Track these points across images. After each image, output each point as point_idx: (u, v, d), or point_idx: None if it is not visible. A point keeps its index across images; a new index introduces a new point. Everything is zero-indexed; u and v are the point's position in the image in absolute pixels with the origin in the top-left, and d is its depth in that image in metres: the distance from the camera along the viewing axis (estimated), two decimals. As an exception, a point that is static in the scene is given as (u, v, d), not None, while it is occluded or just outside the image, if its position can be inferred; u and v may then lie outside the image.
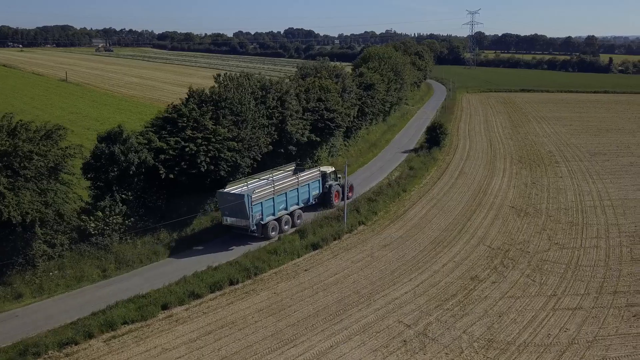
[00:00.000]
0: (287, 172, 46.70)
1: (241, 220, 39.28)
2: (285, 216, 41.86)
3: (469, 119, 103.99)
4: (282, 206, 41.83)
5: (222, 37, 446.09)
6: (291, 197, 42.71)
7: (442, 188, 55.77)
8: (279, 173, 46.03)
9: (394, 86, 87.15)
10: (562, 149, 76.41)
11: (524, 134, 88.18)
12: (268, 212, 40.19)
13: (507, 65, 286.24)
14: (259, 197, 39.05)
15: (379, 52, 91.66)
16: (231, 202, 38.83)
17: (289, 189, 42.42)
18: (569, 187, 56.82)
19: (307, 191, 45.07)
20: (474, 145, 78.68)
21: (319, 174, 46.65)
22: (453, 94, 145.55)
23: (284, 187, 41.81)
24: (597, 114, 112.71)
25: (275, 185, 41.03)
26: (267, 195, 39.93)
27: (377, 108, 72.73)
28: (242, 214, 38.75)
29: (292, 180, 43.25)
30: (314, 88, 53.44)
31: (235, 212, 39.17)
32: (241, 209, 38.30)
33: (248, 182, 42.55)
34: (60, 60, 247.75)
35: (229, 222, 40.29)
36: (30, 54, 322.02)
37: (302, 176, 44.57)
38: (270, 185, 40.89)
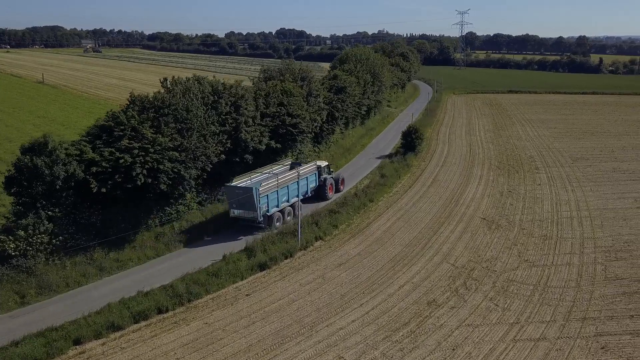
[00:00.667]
0: (285, 167, 48.82)
1: (249, 212, 40.73)
2: (287, 208, 44.39)
3: (452, 121, 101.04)
4: (285, 198, 44.25)
5: (212, 38, 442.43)
6: (292, 190, 45.07)
7: (412, 197, 52.70)
8: (278, 167, 48.14)
9: (372, 89, 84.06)
10: (544, 154, 73.54)
11: (506, 138, 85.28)
12: (273, 204, 42.43)
13: (497, 65, 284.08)
14: (265, 190, 41.02)
15: (356, 53, 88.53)
16: (239, 195, 40.43)
17: (290, 182, 44.72)
18: (546, 195, 53.85)
19: (305, 184, 47.67)
20: (452, 150, 75.70)
21: (316, 167, 49.41)
22: (439, 95, 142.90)
23: (286, 180, 44.12)
24: (583, 116, 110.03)
25: (279, 178, 43.13)
26: (272, 188, 42.00)
27: (350, 112, 69.55)
28: (250, 206, 40.30)
29: (293, 174, 45.34)
30: (275, 92, 50.24)
31: (243, 204, 40.59)
32: (249, 201, 39.95)
33: (251, 176, 44.68)
34: (44, 62, 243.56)
35: (236, 215, 41.72)
36: (15, 54, 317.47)
37: (302, 170, 46.63)
38: (274, 179, 42.81)
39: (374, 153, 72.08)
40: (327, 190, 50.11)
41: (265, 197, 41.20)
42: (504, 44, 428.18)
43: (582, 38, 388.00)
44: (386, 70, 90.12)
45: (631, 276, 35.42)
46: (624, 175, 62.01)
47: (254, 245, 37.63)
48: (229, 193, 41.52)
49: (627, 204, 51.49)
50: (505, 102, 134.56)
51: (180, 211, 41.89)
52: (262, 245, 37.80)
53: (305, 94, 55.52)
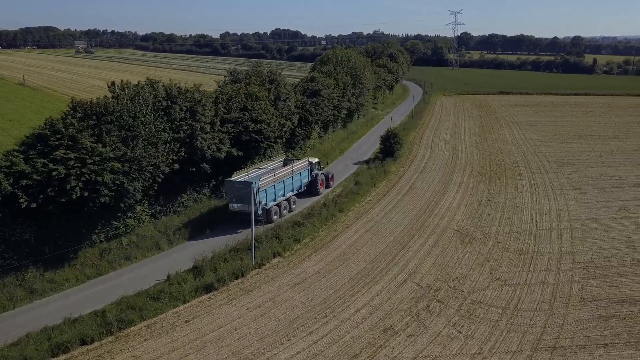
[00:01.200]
0: (279, 163, 50.60)
1: (249, 206, 39.99)
2: (283, 202, 46.16)
3: (437, 124, 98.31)
4: (281, 193, 46.10)
5: (206, 38, 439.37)
6: (287, 185, 47.06)
7: (384, 207, 49.89)
8: (273, 163, 49.84)
9: (352, 91, 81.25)
10: (529, 159, 70.82)
11: (491, 142, 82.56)
12: (271, 198, 44.36)
13: (491, 66, 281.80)
14: (264, 184, 42.82)
15: (337, 54, 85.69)
16: (239, 190, 41.74)
17: (286, 177, 46.71)
18: (527, 204, 51.09)
19: (299, 179, 49.67)
20: (434, 154, 72.93)
21: (308, 164, 51.40)
22: (428, 97, 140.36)
23: (282, 175, 46.08)
24: (573, 119, 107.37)
25: (275, 173, 45.04)
26: (270, 182, 43.86)
27: (326, 115, 66.70)
28: (249, 200, 40.02)
29: (288, 169, 47.33)
30: (238, 96, 47.38)
31: (243, 198, 41.45)
32: (249, 195, 39.88)
33: (249, 171, 46.11)
34: (31, 62, 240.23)
35: (235, 209, 42.89)
36: (4, 55, 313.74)
37: (296, 165, 48.81)
38: (272, 174, 44.61)
39: (352, 158, 69.29)
40: (319, 185, 52.20)
41: (264, 191, 43.00)
42: (499, 44, 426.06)
43: (577, 38, 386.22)
44: (368, 72, 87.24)
45: (609, 297, 32.64)
46: (610, 182, 59.30)
47: (203, 263, 34.75)
48: (229, 188, 42.89)
49: (611, 213, 48.76)
50: (496, 103, 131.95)
51: (129, 225, 38.98)
52: (213, 263, 34.94)
53: (273, 98, 52.64)
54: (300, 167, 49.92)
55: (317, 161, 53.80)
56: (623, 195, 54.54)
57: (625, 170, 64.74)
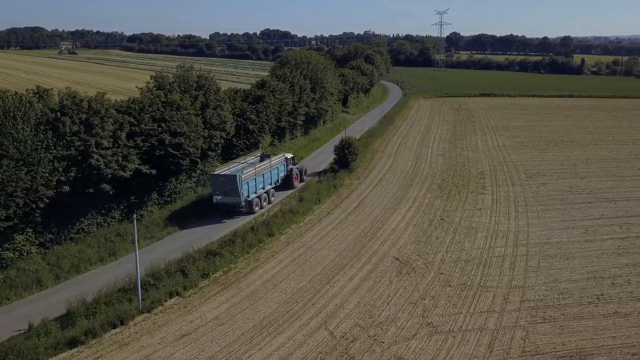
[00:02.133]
0: (256, 158, 52.80)
1: (232, 198, 44.82)
2: (263, 194, 49.02)
3: (408, 129, 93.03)
4: (261, 186, 48.88)
5: (194, 39, 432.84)
6: (267, 178, 49.97)
7: (324, 229, 44.48)
8: (251, 159, 52.05)
9: (312, 96, 75.82)
10: (497, 169, 65.57)
11: (461, 149, 77.29)
12: (252, 190, 47.05)
13: (479, 66, 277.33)
14: (246, 177, 45.54)
15: (296, 56, 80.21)
16: (224, 182, 44.39)
17: (265, 171, 49.45)
18: (483, 225, 45.77)
19: (277, 173, 52.52)
20: (396, 164, 67.59)
21: (284, 158, 54.36)
22: (406, 99, 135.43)
23: (262, 169, 48.91)
24: (552, 123, 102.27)
25: (256, 167, 47.87)
26: (251, 175, 46.60)
27: (272, 123, 61.16)
28: (233, 192, 44.42)
29: (266, 164, 50.21)
30: (153, 105, 41.79)
31: (227, 191, 44.41)
32: (233, 187, 44.15)
33: (230, 166, 48.47)
34: (5, 64, 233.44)
35: (219, 201, 45.47)
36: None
37: (274, 160, 51.90)
38: (253, 168, 47.42)
39: (306, 169, 63.73)
40: (294, 179, 55.12)
41: (246, 184, 45.56)
42: (488, 44, 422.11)
43: (566, 38, 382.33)
44: (330, 75, 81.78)
45: (555, 349, 27.30)
46: (580, 197, 54.09)
47: (77, 308, 29.14)
48: (213, 181, 45.47)
49: (575, 235, 43.50)
50: (475, 106, 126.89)
51: (5, 258, 33.36)
52: (91, 308, 29.34)
53: (201, 106, 47.08)
54: (277, 161, 52.83)
55: (292, 156, 56.68)
56: (592, 212, 49.30)
57: (598, 182, 59.57)
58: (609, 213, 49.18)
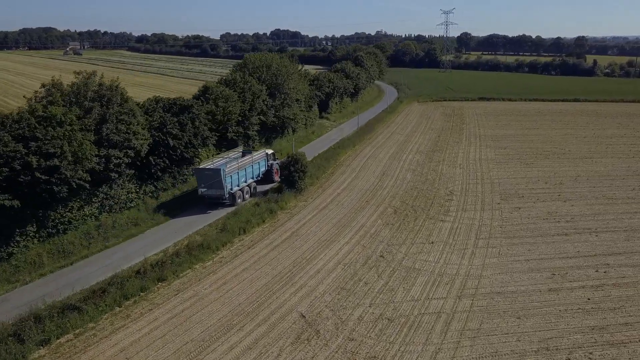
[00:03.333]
0: (238, 154, 55.40)
1: (217, 191, 47.32)
2: (245, 187, 51.01)
3: (386, 139, 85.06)
4: (243, 179, 50.98)
5: (200, 39, 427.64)
6: (248, 172, 51.97)
7: (231, 270, 36.95)
8: (233, 154, 54.67)
9: (271, 103, 68.26)
10: (470, 188, 57.48)
11: (437, 163, 69.19)
12: (235, 184, 49.32)
13: (487, 68, 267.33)
14: (230, 171, 47.84)
15: (254, 59, 72.59)
16: (209, 176, 46.91)
17: (247, 165, 51.54)
18: (429, 265, 37.87)
19: (258, 168, 54.37)
20: (357, 182, 59.79)
21: (265, 154, 56.22)
22: (398, 104, 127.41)
23: (244, 163, 51.03)
24: (549, 131, 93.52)
25: (239, 162, 50.21)
26: (234, 169, 48.79)
27: (206, 135, 53.62)
28: (217, 185, 46.89)
29: (248, 159, 52.25)
30: (22, 121, 34.55)
31: (212, 184, 46.73)
32: (217, 180, 46.60)
33: (214, 161, 51.33)
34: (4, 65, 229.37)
35: (204, 193, 47.70)
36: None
37: (255, 155, 53.97)
38: (236, 162, 49.94)
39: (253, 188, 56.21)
40: (274, 174, 56.95)
41: (229, 177, 48.00)
42: (500, 44, 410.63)
43: (581, 38, 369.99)
44: (294, 80, 74.05)
45: None
46: (557, 226, 45.89)
47: None
48: (198, 174, 48.08)
49: (539, 281, 35.44)
50: (470, 111, 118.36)
51: None
52: None
53: (98, 121, 39.73)
54: (259, 157, 55.13)
55: (273, 152, 58.95)
56: (566, 248, 41.10)
57: (582, 206, 51.24)
58: (586, 249, 40.91)
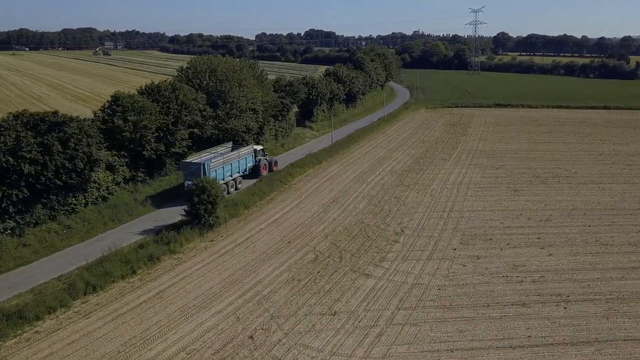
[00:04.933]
0: (227, 149, 56.84)
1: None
2: (230, 181, 53.11)
3: (362, 155, 74.09)
4: (229, 173, 53.26)
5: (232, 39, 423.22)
6: (234, 167, 54.23)
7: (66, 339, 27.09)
8: (222, 149, 56.19)
9: (210, 113, 58.45)
10: (428, 225, 46.26)
11: (405, 186, 58.00)
12: (220, 177, 50.64)
13: (519, 69, 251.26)
14: (214, 165, 50.14)
15: (198, 63, 62.64)
16: (193, 169, 48.87)
17: (233, 160, 54.00)
18: (306, 357, 27.10)
19: (245, 163, 56.70)
20: (295, 211, 49.42)
21: (252, 150, 58.30)
22: (402, 110, 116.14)
23: (230, 158, 53.51)
24: (560, 146, 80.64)
25: (224, 157, 52.81)
26: (219, 164, 51.26)
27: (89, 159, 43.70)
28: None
29: (235, 154, 54.72)
30: None
31: (196, 177, 46.70)
32: (200, 174, 47.70)
33: (201, 155, 53.05)
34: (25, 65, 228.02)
35: (189, 186, 46.42)
36: (10, 57, 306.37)
37: (242, 151, 56.07)
38: (221, 157, 52.31)
39: (155, 220, 46.54)
40: (261, 169, 58.67)
41: (214, 171, 49.49)
42: (539, 45, 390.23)
43: (627, 39, 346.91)
44: (249, 87, 63.75)
45: None
46: (517, 290, 34.34)
47: None
48: (185, 167, 49.78)
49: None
50: (479, 120, 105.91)
51: None
52: None
53: None
54: (246, 152, 56.98)
55: (262, 149, 60.67)
56: (513, 331, 29.65)
57: (562, 257, 39.42)
58: (541, 334, 29.33)
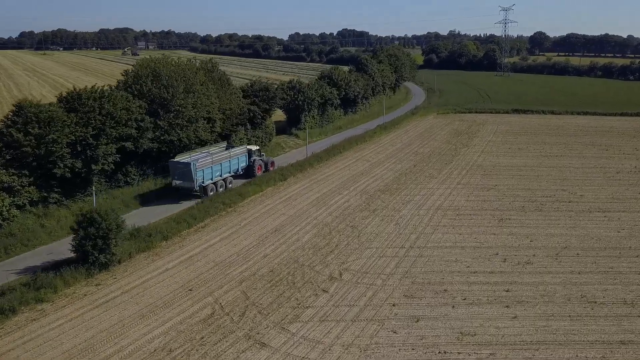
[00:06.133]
0: (221, 148, 57.81)
1: (187, 183, 50.47)
2: (220, 181, 53.43)
3: (338, 170, 65.54)
4: (218, 173, 53.50)
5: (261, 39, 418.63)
6: (225, 167, 54.63)
7: None
8: (215, 149, 57.10)
9: (147, 124, 51.03)
10: (374, 267, 37.62)
11: (371, 211, 49.35)
12: (207, 177, 51.87)
13: (553, 71, 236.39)
14: (201, 165, 50.75)
15: (145, 67, 55.09)
16: (180, 169, 50.35)
17: (223, 160, 54.39)
18: None
19: (236, 163, 56.96)
20: (222, 245, 41.48)
21: (246, 150, 58.93)
22: (408, 116, 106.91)
23: (219, 158, 53.88)
24: (574, 160, 70.35)
25: (213, 157, 53.01)
26: (207, 164, 51.68)
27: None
28: (188, 178, 50.12)
29: (225, 154, 55.24)
30: None
31: (183, 176, 50.36)
32: (188, 174, 49.92)
33: (192, 154, 53.33)
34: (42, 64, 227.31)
35: (177, 184, 51.07)
36: (37, 57, 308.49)
37: (233, 151, 56.46)
38: (209, 157, 52.61)
39: (51, 254, 39.19)
40: (256, 169, 59.05)
41: (201, 171, 50.66)
42: (578, 45, 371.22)
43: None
44: (200, 92, 55.94)
45: None
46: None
47: None
48: (172, 167, 51.15)
49: None
50: (490, 128, 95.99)
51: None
52: None
53: None
54: (238, 152, 57.02)
55: (257, 149, 60.72)
56: None
57: (530, 324, 30.22)
58: None
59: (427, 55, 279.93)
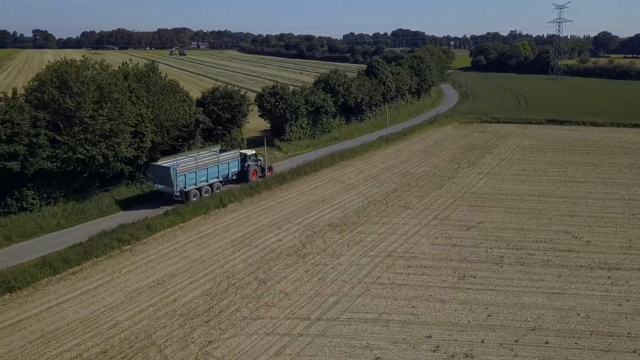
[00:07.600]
0: (212, 152, 55.33)
1: (168, 187, 48.72)
2: (205, 186, 51.44)
3: (303, 193, 55.18)
4: (204, 178, 51.42)
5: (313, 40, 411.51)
6: (212, 172, 52.46)
7: None
8: (205, 152, 54.96)
9: (43, 139, 42.39)
10: (254, 351, 27.10)
11: (302, 256, 38.87)
12: (190, 182, 49.89)
13: (613, 74, 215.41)
14: (182, 170, 48.86)
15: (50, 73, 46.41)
16: (160, 173, 48.59)
17: (210, 165, 52.21)
18: None
19: (227, 168, 54.61)
20: (77, 302, 32.17)
21: (238, 155, 56.39)
22: (423, 125, 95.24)
23: (205, 163, 51.71)
24: (594, 190, 57.13)
25: (198, 161, 50.84)
26: (189, 168, 49.67)
27: None
28: (168, 182, 48.35)
29: (213, 159, 53.02)
30: None
31: (164, 180, 48.83)
32: (168, 178, 48.14)
33: (177, 158, 51.68)
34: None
35: (159, 189, 49.75)
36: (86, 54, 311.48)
37: (222, 156, 54.47)
38: (193, 161, 50.43)
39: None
40: (250, 175, 56.27)
41: (182, 176, 48.80)
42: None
43: None
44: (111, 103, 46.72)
45: None
46: None
47: None
48: (153, 170, 49.82)
49: None
50: (511, 142, 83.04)
51: None
52: None
53: None
54: (229, 157, 55.07)
55: (253, 153, 57.87)
56: None
57: None
58: None
59: (474, 56, 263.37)
